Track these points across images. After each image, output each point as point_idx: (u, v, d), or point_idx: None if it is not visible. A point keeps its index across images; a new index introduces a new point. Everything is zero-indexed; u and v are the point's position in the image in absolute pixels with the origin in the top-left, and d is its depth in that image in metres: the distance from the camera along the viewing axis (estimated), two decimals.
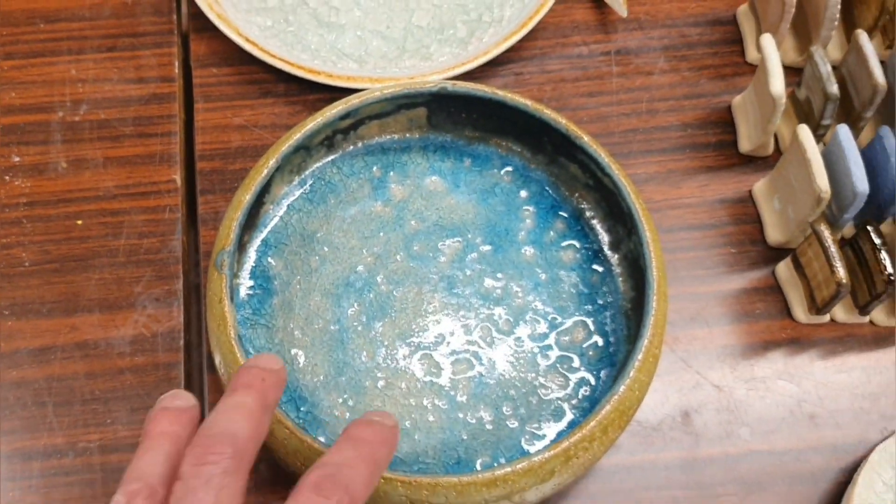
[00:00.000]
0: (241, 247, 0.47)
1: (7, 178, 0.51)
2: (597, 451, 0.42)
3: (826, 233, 0.46)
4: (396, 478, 0.40)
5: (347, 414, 0.45)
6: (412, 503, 0.40)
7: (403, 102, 0.49)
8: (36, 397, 0.46)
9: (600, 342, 0.47)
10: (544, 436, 0.45)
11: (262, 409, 0.35)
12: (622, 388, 0.42)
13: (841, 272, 0.45)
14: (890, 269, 0.45)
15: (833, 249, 0.45)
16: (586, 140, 0.47)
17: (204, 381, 0.48)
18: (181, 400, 0.36)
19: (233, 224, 0.44)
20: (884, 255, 0.45)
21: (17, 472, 0.44)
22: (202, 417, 0.35)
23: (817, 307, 0.48)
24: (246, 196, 0.45)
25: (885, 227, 0.49)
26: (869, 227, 0.46)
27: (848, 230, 0.50)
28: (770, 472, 0.46)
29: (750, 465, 0.47)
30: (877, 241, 0.45)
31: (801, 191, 0.48)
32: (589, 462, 0.42)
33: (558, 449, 0.40)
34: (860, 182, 0.46)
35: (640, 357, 0.42)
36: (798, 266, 0.49)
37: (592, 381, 0.46)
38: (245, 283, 0.47)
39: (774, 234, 0.51)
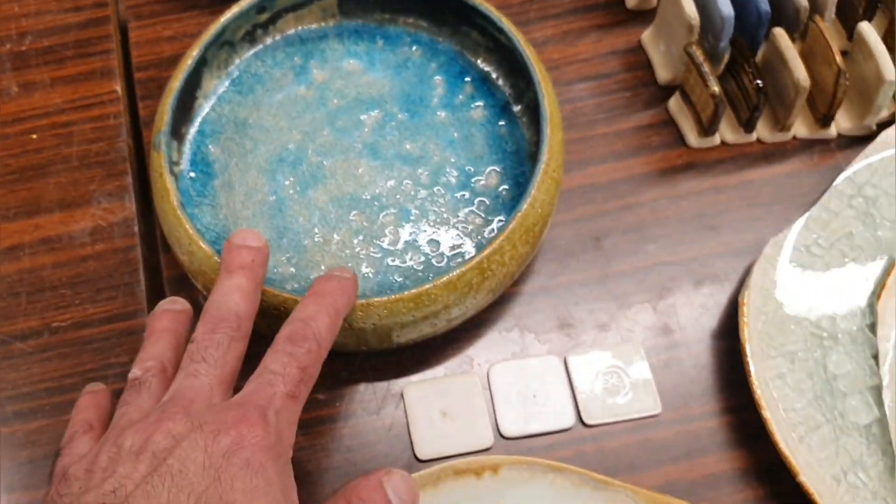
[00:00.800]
0: (181, 138, 0.52)
1: None
2: (510, 265, 0.47)
3: (697, 52, 0.51)
4: None
5: (292, 269, 0.50)
6: (350, 325, 0.45)
7: None
8: (10, 289, 0.51)
9: (511, 185, 0.52)
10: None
11: (255, 286, 0.42)
12: (524, 205, 0.47)
13: (713, 84, 0.50)
14: (758, 80, 0.50)
15: (705, 67, 0.50)
16: (484, 5, 0.52)
17: (160, 260, 0.53)
18: (178, 304, 0.44)
19: (165, 108, 0.49)
20: (752, 66, 0.50)
21: (0, 355, 0.49)
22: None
23: (705, 128, 0.53)
24: (175, 83, 0.50)
25: (759, 54, 0.54)
26: (737, 44, 0.51)
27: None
28: (677, 279, 0.51)
29: (659, 275, 0.51)
30: (745, 53, 0.50)
31: (678, 27, 0.53)
32: (504, 277, 0.47)
33: (473, 263, 0.45)
34: (725, 6, 0.50)
35: (538, 178, 0.47)
36: (685, 96, 0.54)
37: (505, 218, 0.51)
38: (188, 171, 0.52)
39: (663, 74, 0.56)
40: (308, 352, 0.39)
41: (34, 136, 0.55)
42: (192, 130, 0.53)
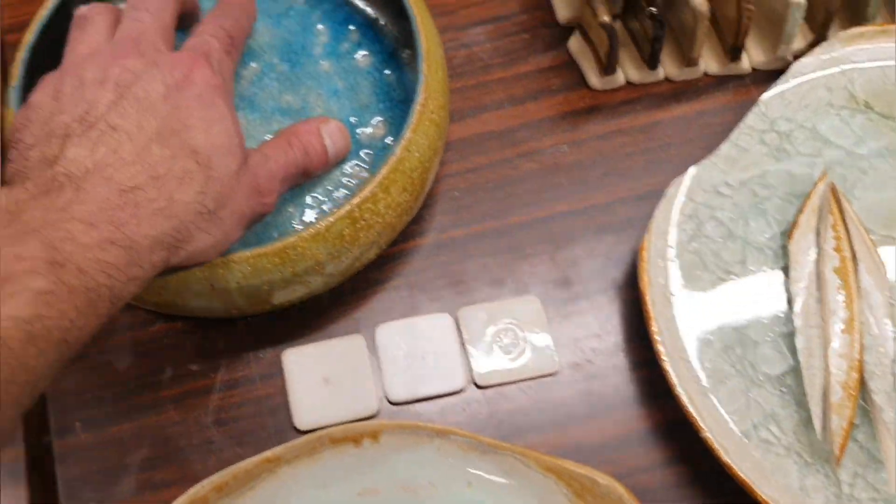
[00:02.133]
0: None
1: None
2: (386, 215, 0.43)
3: None
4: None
5: None
6: (212, 285, 0.42)
7: None
8: None
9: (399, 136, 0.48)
10: None
11: None
12: (398, 149, 0.43)
13: (603, 13, 0.46)
14: (652, 7, 0.46)
15: (597, 2, 0.46)
16: None
17: None
18: None
19: (17, 63, 0.46)
20: None
21: None
22: None
23: (604, 66, 0.49)
24: (29, 36, 0.47)
25: None
26: None
27: None
28: (579, 227, 0.48)
29: (560, 224, 0.48)
30: None
31: None
32: (383, 228, 0.43)
33: (342, 212, 0.42)
34: None
35: (414, 120, 0.44)
36: (584, 34, 0.50)
37: None
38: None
39: (563, 12, 0.52)
40: (236, 20, 0.45)
41: None
42: None
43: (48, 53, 0.48)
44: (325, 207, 0.46)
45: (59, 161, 0.35)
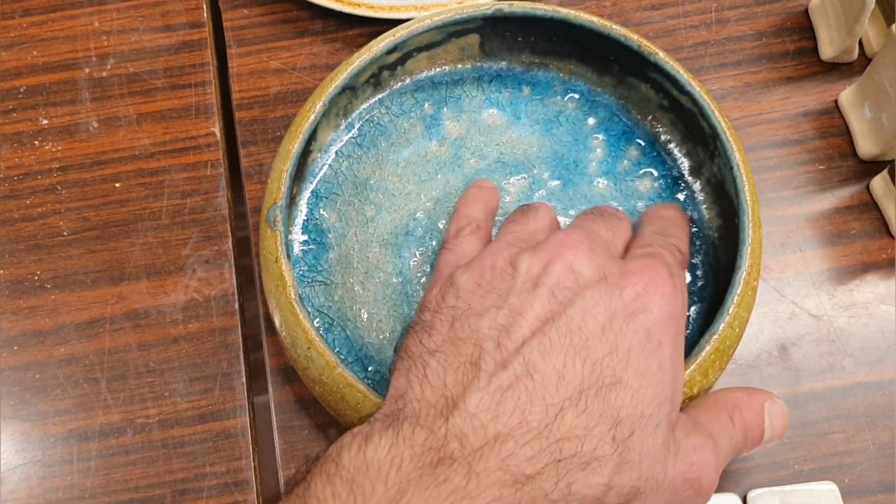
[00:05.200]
0: (291, 200, 0.44)
1: (37, 142, 0.48)
2: (696, 395, 0.38)
3: None
4: None
5: None
6: None
7: (454, 30, 0.45)
8: (87, 373, 0.43)
9: (687, 277, 0.43)
10: None
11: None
12: (721, 325, 0.38)
13: None
14: None
15: None
16: (661, 56, 0.43)
17: (263, 343, 0.45)
18: (487, 183, 0.43)
19: (283, 176, 0.41)
20: None
21: (75, 454, 0.42)
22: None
23: None
24: (294, 145, 0.42)
25: None
26: None
27: None
28: (880, 405, 0.43)
29: (857, 398, 0.43)
30: None
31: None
32: (685, 403, 0.39)
33: None
34: None
35: (738, 291, 0.38)
36: (893, 175, 0.45)
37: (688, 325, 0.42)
38: (298, 239, 0.44)
39: (867, 146, 0.47)
40: (683, 237, 0.40)
41: (117, 185, 0.47)
42: (306, 191, 0.45)
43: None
44: None
45: (457, 410, 0.30)
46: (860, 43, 0.49)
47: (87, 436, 0.42)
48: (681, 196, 0.44)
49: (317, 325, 0.42)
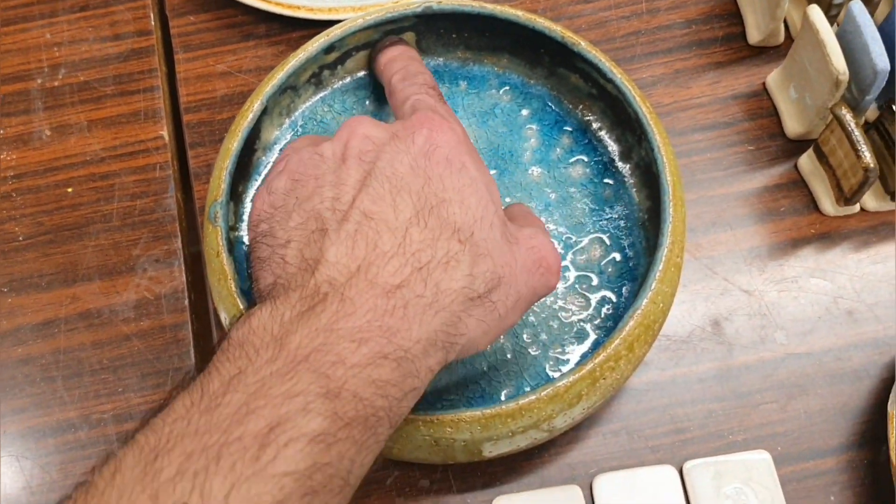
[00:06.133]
0: (237, 197, 0.45)
1: None
2: (624, 369, 0.40)
3: (848, 116, 0.43)
4: (417, 417, 0.38)
5: None
6: (436, 441, 0.39)
7: (389, 28, 0.47)
8: (44, 372, 0.45)
9: (618, 258, 0.45)
10: (568, 360, 0.43)
11: None
12: (644, 301, 0.40)
13: (868, 156, 0.42)
14: None
15: (857, 133, 0.42)
16: (584, 46, 0.44)
17: (213, 337, 0.46)
18: None
19: (223, 174, 0.42)
20: None
21: (33, 450, 0.43)
22: None
23: (845, 197, 0.45)
24: (233, 143, 0.43)
25: None
26: (894, 106, 0.43)
27: (871, 113, 0.47)
28: (810, 375, 0.44)
29: (788, 369, 0.44)
30: None
31: (818, 76, 0.45)
32: (617, 382, 0.40)
33: (583, 371, 0.38)
34: (880, 59, 0.43)
35: (660, 268, 0.40)
36: (821, 156, 0.46)
37: (614, 299, 0.44)
38: (245, 235, 0.46)
39: (793, 126, 0.48)
40: (424, 71, 0.43)
41: (69, 190, 0.48)
42: (251, 189, 0.46)
43: (248, 147, 0.45)
44: (542, 337, 0.43)
45: (320, 265, 0.33)
46: (786, 26, 0.51)
47: (45, 433, 0.44)
48: (611, 181, 0.46)
49: None
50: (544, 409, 0.38)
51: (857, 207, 0.47)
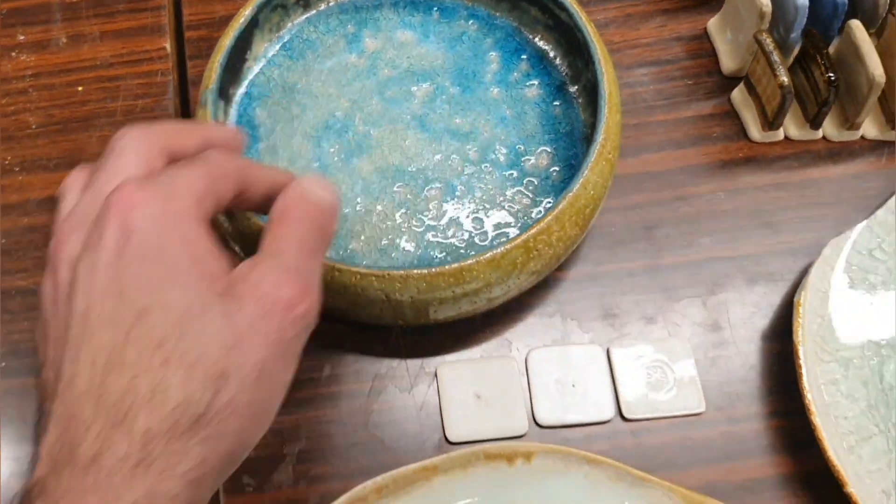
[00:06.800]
0: (228, 99, 0.51)
1: (13, 54, 0.55)
2: (556, 247, 0.45)
3: (767, 40, 0.48)
4: (371, 272, 0.43)
5: None
6: (387, 296, 0.44)
7: None
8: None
9: (563, 167, 0.50)
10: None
11: (193, 134, 0.37)
12: (576, 185, 0.45)
13: (782, 74, 0.48)
14: (831, 73, 0.48)
15: (774, 55, 0.48)
16: None
17: None
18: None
19: (214, 66, 0.48)
20: (824, 58, 0.48)
21: (34, 304, 0.49)
22: None
23: (769, 122, 0.51)
24: (226, 41, 0.49)
25: (832, 48, 0.51)
26: (810, 35, 0.48)
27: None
28: (730, 275, 0.49)
29: (712, 269, 0.49)
30: (818, 45, 0.48)
31: (749, 15, 0.50)
32: (550, 259, 0.45)
33: (518, 241, 0.44)
34: None
35: (593, 158, 0.45)
36: (751, 88, 0.52)
37: (555, 201, 0.49)
38: None
39: (728, 63, 0.54)
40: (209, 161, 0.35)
41: (80, 89, 0.54)
42: (240, 92, 0.52)
43: (240, 54, 0.51)
44: (487, 229, 0.48)
45: (39, 456, 0.30)
46: None
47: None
48: (560, 101, 0.52)
49: None
50: (483, 273, 0.43)
51: (780, 134, 0.52)
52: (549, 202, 0.49)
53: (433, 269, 0.43)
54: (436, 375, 0.47)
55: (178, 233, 0.32)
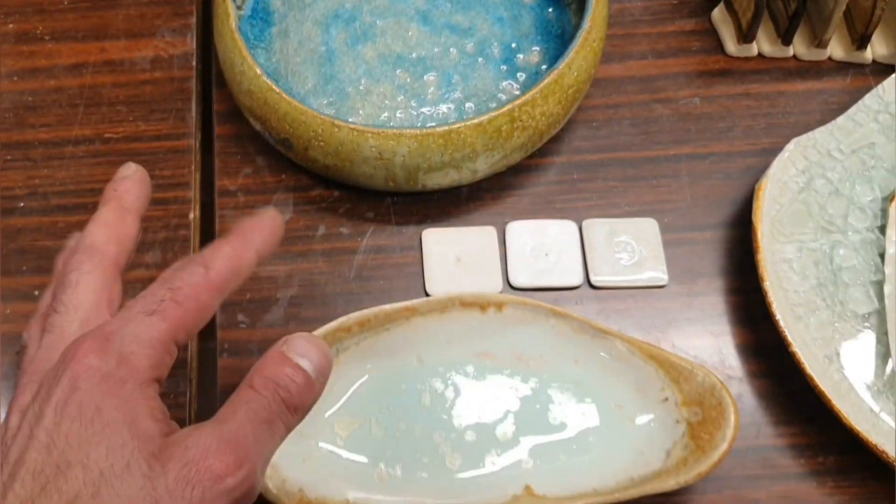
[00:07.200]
0: None
1: None
2: (539, 119, 0.49)
3: None
4: (367, 129, 0.47)
5: (333, 111, 0.53)
6: (380, 153, 0.48)
7: None
8: (70, 100, 0.54)
9: (551, 66, 0.54)
10: None
11: (120, 213, 0.39)
12: (561, 64, 0.49)
13: None
14: None
15: None
16: None
17: (213, 94, 0.56)
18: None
19: None
20: None
21: (54, 154, 0.53)
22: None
23: (744, 35, 0.55)
24: None
25: None
26: None
27: None
28: (700, 173, 0.53)
29: (685, 164, 0.53)
30: None
31: None
32: (534, 133, 0.49)
33: (503, 109, 0.48)
34: None
35: (578, 43, 0.49)
36: (728, 4, 0.56)
37: None
38: (248, 16, 0.55)
39: None
40: (189, 274, 0.35)
41: None
42: None
43: None
44: (481, 112, 0.52)
45: None
46: None
47: (64, 142, 0.53)
48: (553, 8, 0.56)
49: None
50: (470, 137, 0.47)
51: (754, 49, 0.56)
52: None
53: (424, 129, 0.47)
54: (421, 239, 0.51)
55: (121, 395, 0.32)
